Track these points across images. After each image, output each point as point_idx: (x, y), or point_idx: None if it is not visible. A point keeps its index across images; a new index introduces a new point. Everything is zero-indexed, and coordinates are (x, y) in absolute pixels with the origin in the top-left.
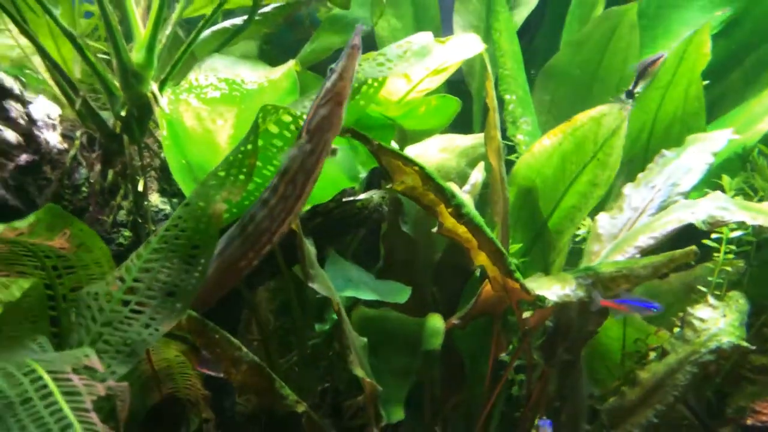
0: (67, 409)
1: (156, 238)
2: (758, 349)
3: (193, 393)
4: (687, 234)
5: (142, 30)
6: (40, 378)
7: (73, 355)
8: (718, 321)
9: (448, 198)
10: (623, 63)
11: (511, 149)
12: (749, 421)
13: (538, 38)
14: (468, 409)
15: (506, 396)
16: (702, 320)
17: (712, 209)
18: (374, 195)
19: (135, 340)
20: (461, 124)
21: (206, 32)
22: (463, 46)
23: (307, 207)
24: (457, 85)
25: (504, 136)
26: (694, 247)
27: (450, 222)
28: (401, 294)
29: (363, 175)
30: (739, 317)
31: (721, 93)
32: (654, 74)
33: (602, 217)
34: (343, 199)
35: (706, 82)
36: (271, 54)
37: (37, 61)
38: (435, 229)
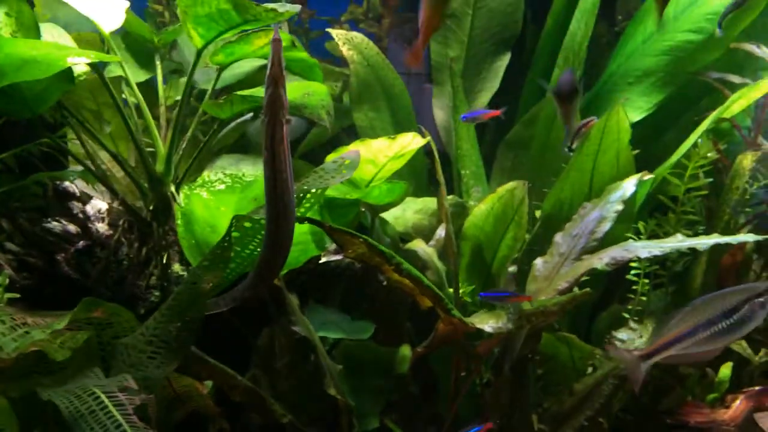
0: (118, 415)
1: (164, 306)
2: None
3: (210, 410)
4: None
5: (162, 146)
6: (99, 396)
7: (117, 380)
8: (635, 341)
9: (389, 259)
10: None
11: None
12: (669, 420)
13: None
14: (440, 419)
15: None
16: (622, 341)
17: (615, 254)
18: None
19: (150, 377)
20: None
21: (232, 124)
22: (409, 141)
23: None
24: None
25: None
26: (588, 289)
27: (395, 276)
28: (365, 331)
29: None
30: None
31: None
32: (586, 134)
33: (539, 262)
34: (320, 261)
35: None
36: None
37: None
38: (384, 283)
